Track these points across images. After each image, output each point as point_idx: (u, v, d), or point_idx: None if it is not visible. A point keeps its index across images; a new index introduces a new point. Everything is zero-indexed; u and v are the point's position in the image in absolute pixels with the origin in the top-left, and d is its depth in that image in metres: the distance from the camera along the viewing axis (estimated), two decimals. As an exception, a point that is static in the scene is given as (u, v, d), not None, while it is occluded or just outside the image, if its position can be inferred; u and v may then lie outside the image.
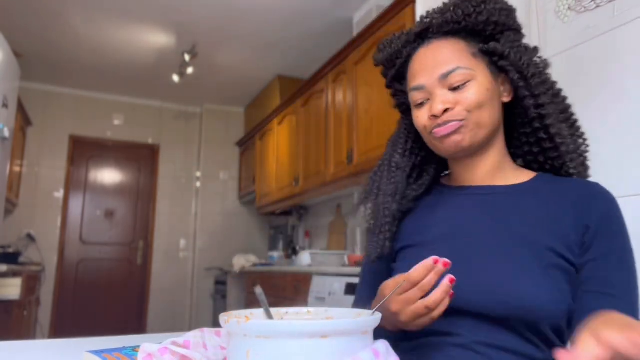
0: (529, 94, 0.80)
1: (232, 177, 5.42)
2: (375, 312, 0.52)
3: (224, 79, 4.70)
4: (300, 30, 3.69)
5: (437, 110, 0.77)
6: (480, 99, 0.77)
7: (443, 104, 0.77)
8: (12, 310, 3.06)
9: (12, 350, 0.85)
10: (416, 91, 0.82)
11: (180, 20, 3.60)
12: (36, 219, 4.67)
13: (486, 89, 0.78)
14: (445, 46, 0.80)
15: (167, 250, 5.17)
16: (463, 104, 0.77)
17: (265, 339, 0.45)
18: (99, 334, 1.04)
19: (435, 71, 0.79)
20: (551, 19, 1.56)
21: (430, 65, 0.80)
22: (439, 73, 0.78)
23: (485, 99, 0.78)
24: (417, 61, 0.82)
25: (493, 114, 0.80)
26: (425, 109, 0.81)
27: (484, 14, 0.79)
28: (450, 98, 0.78)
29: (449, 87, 0.78)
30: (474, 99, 0.77)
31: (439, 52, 0.80)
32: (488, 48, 0.80)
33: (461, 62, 0.78)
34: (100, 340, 0.86)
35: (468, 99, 0.77)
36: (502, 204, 0.80)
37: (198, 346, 0.57)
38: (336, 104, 3.29)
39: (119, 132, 5.16)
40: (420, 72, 0.81)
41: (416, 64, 0.83)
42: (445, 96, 0.78)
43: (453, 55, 0.79)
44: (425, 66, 0.81)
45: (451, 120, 0.77)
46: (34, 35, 3.82)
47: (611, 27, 1.38)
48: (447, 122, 0.77)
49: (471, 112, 0.77)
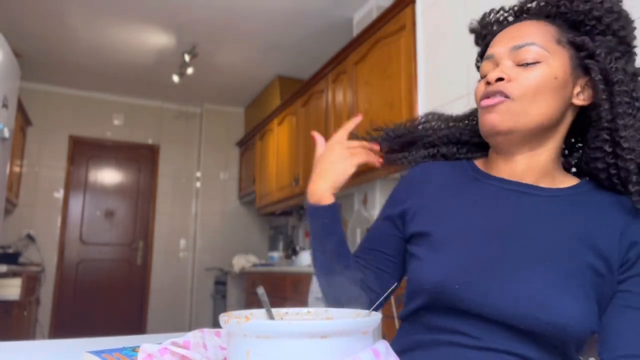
0: (607, 99, 0.71)
1: (232, 177, 5.42)
2: (374, 313, 0.52)
3: (224, 79, 4.70)
4: (300, 30, 3.69)
5: (492, 77, 0.72)
6: (540, 84, 0.71)
7: (500, 72, 0.72)
8: (12, 310, 3.06)
9: (12, 350, 0.84)
10: (486, 61, 0.77)
11: (180, 20, 3.60)
12: (36, 219, 4.67)
13: (554, 77, 0.71)
14: (532, 24, 0.75)
15: (167, 251, 5.17)
16: (520, 82, 0.71)
17: (265, 339, 0.45)
18: (99, 334, 1.04)
19: (510, 41, 0.74)
20: (551, 19, 1.56)
21: (508, 37, 0.75)
22: (513, 43, 0.73)
23: (547, 88, 0.71)
24: (499, 34, 0.78)
25: (550, 108, 0.72)
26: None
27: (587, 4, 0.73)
28: (512, 72, 0.72)
29: (518, 62, 0.72)
30: (534, 81, 0.71)
31: (522, 27, 0.75)
32: (576, 40, 0.73)
33: (540, 40, 0.72)
34: (100, 341, 0.86)
35: (528, 79, 0.71)
36: (546, 208, 0.73)
37: (198, 346, 0.57)
38: (336, 104, 3.29)
39: (119, 132, 5.16)
40: (496, 42, 0.76)
41: (497, 36, 0.78)
42: (507, 68, 0.73)
43: (535, 32, 0.73)
44: (502, 37, 0.76)
45: (500, 91, 0.71)
46: (34, 35, 3.82)
47: (611, 27, 1.38)
48: (495, 92, 0.72)
49: (524, 94, 0.71)
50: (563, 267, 0.68)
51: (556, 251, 0.69)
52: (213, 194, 5.30)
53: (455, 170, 0.84)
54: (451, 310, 0.70)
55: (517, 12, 0.80)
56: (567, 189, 0.76)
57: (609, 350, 0.67)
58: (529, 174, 0.76)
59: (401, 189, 0.88)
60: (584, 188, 0.76)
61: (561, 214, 0.72)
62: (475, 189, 0.79)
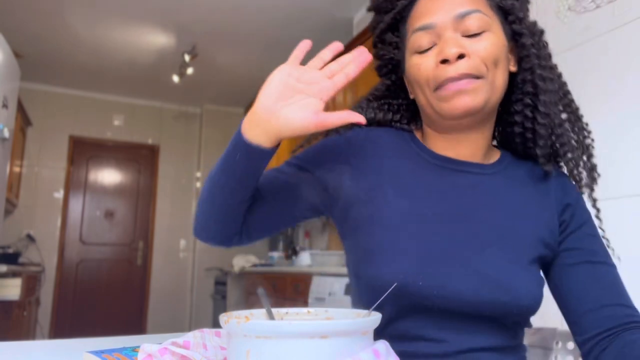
0: (538, 62, 0.69)
1: (232, 178, 5.42)
2: (374, 313, 0.52)
3: (224, 79, 4.70)
4: (300, 30, 3.69)
5: (450, 53, 0.63)
6: (497, 54, 0.66)
7: (458, 48, 0.64)
8: (12, 310, 3.06)
9: (12, 350, 0.84)
10: (422, 31, 0.67)
11: (180, 21, 3.60)
12: (36, 219, 4.67)
13: (503, 44, 0.67)
14: None
15: (167, 251, 5.17)
16: (480, 55, 0.65)
17: (265, 339, 0.45)
18: (99, 334, 1.04)
19: (451, 9, 0.66)
20: (551, 20, 1.56)
21: (448, 3, 0.66)
22: (456, 12, 0.65)
23: (502, 56, 0.67)
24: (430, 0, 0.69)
25: (504, 78, 0.69)
26: (431, 54, 0.67)
27: None
28: (465, 44, 0.65)
29: (463, 33, 0.66)
30: (492, 52, 0.65)
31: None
32: (506, 5, 0.69)
33: (480, 6, 0.67)
34: (100, 341, 0.86)
35: (486, 49, 0.65)
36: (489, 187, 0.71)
37: (198, 346, 0.57)
38: (336, 104, 3.29)
39: (119, 132, 5.16)
40: (431, 10, 0.67)
41: (428, 1, 0.69)
42: (458, 40, 0.65)
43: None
44: (441, 3, 0.67)
45: (467, 73, 0.64)
46: (34, 35, 3.82)
47: (611, 28, 1.38)
48: (462, 75, 0.64)
49: (489, 68, 0.65)
50: (516, 246, 0.68)
51: (506, 231, 0.69)
52: (213, 194, 5.29)
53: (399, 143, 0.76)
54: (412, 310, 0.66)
55: None
56: (498, 163, 0.75)
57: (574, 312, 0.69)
58: (476, 154, 0.73)
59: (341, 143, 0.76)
60: (508, 159, 0.76)
61: (502, 192, 0.72)
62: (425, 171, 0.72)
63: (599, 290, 0.69)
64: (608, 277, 0.70)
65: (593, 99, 1.42)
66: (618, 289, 0.70)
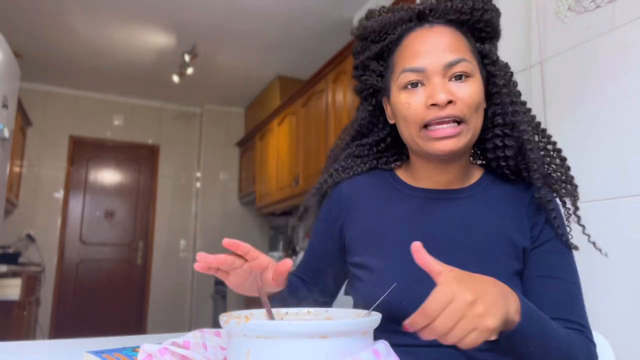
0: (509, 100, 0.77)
1: (232, 178, 5.42)
2: (374, 313, 0.52)
3: (224, 79, 4.70)
4: (300, 30, 3.68)
5: (440, 99, 0.70)
6: (478, 100, 0.73)
7: (447, 94, 0.70)
8: (12, 310, 3.05)
9: (12, 350, 0.84)
10: (412, 73, 0.73)
11: (180, 20, 3.60)
12: (36, 219, 4.66)
13: (482, 90, 0.75)
14: (451, 33, 0.75)
15: (167, 251, 5.17)
16: (465, 101, 0.71)
17: (265, 339, 0.45)
18: (99, 334, 1.04)
19: (441, 56, 0.72)
20: (551, 20, 1.56)
21: (437, 49, 0.73)
22: (446, 59, 0.72)
23: (481, 101, 0.74)
24: (419, 40, 0.75)
25: (482, 119, 0.76)
26: (420, 94, 0.73)
27: (489, 13, 0.76)
28: (453, 90, 0.72)
29: (450, 78, 0.72)
30: (475, 99, 0.72)
31: (445, 38, 0.74)
32: (484, 49, 0.77)
33: (467, 54, 0.74)
34: (100, 341, 0.86)
35: (470, 96, 0.72)
36: (467, 210, 0.78)
37: (198, 347, 0.57)
38: (336, 104, 3.29)
39: (119, 132, 5.16)
40: (423, 53, 0.73)
41: (417, 43, 0.75)
42: (446, 86, 0.72)
43: (460, 44, 0.74)
44: (429, 47, 0.73)
45: (453, 117, 0.71)
46: (34, 35, 3.82)
47: (611, 28, 1.38)
48: (449, 118, 0.71)
49: (471, 114, 0.72)
50: (492, 263, 0.73)
51: (482, 250, 0.74)
52: (213, 194, 5.29)
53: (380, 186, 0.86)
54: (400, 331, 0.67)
55: (419, 15, 0.77)
56: (477, 184, 0.81)
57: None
58: (455, 178, 0.80)
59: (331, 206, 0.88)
60: (489, 179, 0.82)
61: (479, 213, 0.78)
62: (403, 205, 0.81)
63: (548, 304, 0.72)
64: (560, 293, 0.73)
65: (593, 99, 1.42)
66: (568, 306, 0.73)
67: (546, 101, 1.54)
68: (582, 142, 1.43)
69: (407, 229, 0.78)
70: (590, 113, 1.43)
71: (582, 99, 1.45)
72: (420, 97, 0.73)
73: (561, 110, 1.50)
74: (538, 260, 0.76)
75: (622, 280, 1.30)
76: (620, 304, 1.30)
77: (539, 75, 1.58)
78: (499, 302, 0.55)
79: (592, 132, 1.42)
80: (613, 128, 1.36)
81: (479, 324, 0.51)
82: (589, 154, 1.41)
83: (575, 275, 0.76)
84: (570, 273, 0.76)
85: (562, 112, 1.50)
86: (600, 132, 1.39)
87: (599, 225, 1.35)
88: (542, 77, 1.57)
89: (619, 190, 1.33)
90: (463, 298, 0.51)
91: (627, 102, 1.33)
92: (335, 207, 0.87)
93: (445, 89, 0.71)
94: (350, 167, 0.89)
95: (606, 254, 0.80)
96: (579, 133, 1.44)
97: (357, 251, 0.81)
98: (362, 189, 0.86)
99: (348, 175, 0.89)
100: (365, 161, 0.89)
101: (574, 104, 1.48)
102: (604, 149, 1.38)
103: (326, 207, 0.89)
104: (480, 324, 0.51)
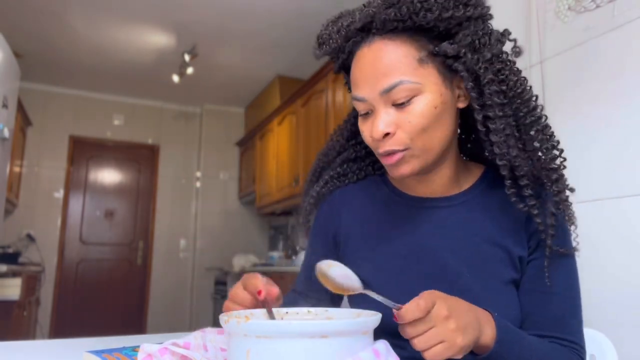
0: (479, 107, 0.70)
1: (232, 177, 5.42)
2: (375, 313, 0.52)
3: (224, 79, 4.70)
4: (300, 30, 3.68)
5: (377, 134, 0.68)
6: (424, 122, 0.67)
7: (384, 127, 0.68)
8: (12, 310, 3.05)
9: (12, 350, 0.85)
10: (358, 102, 0.72)
11: (180, 20, 3.60)
12: (36, 219, 4.66)
13: (434, 107, 0.68)
14: (388, 49, 0.68)
15: (167, 250, 5.17)
16: (405, 129, 0.68)
17: (266, 339, 0.45)
18: (99, 334, 1.04)
19: (376, 84, 0.68)
20: (551, 19, 1.56)
21: (371, 75, 0.68)
22: (381, 88, 0.67)
23: (431, 121, 0.68)
24: (358, 66, 0.71)
25: (443, 132, 0.70)
26: (369, 123, 0.72)
27: (433, 11, 0.66)
28: (394, 118, 0.68)
29: (393, 102, 0.68)
30: (418, 123, 0.67)
31: (379, 58, 0.68)
32: (438, 51, 0.68)
33: (405, 73, 0.67)
34: (100, 340, 0.86)
35: (411, 122, 0.67)
36: (459, 217, 0.76)
37: (198, 348, 0.57)
38: (336, 104, 3.29)
39: (119, 132, 5.16)
40: (361, 82, 0.70)
41: (357, 69, 0.71)
42: (387, 116, 0.68)
43: (396, 63, 0.67)
44: (365, 75, 0.69)
45: (395, 149, 0.69)
46: (34, 35, 3.82)
47: (611, 28, 1.38)
48: (391, 151, 0.69)
49: (414, 138, 0.68)
50: (487, 272, 0.72)
51: (476, 259, 0.73)
52: (213, 194, 5.29)
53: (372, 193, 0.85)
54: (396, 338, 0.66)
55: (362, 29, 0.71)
56: (473, 188, 0.79)
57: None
58: (446, 185, 0.78)
59: (324, 216, 0.88)
60: (487, 181, 0.79)
61: (473, 220, 0.76)
62: (395, 213, 0.80)
63: (544, 321, 0.71)
64: (556, 309, 0.72)
65: (593, 99, 1.42)
66: (563, 323, 0.72)
67: (546, 101, 1.54)
68: (582, 142, 1.43)
69: (399, 238, 0.77)
70: (590, 113, 1.43)
71: (582, 99, 1.45)
72: (368, 125, 0.72)
73: (561, 110, 1.50)
74: (535, 273, 0.73)
75: (622, 280, 1.30)
76: (620, 304, 1.30)
77: (539, 75, 1.58)
78: (472, 325, 0.57)
79: (592, 132, 1.42)
80: (613, 128, 1.36)
81: (448, 337, 0.53)
82: (589, 154, 1.41)
83: (572, 289, 0.74)
84: (567, 288, 0.73)
85: (562, 112, 1.50)
86: (601, 132, 1.39)
87: (599, 225, 1.35)
88: (542, 77, 1.57)
89: (619, 190, 1.33)
90: (439, 311, 0.54)
91: (627, 102, 1.33)
92: (328, 217, 0.87)
93: (385, 120, 0.68)
94: (345, 174, 0.89)
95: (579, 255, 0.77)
96: (579, 133, 1.44)
97: (350, 260, 0.79)
98: (354, 197, 0.86)
99: (343, 183, 0.88)
100: (361, 167, 0.89)
101: (574, 104, 1.48)
102: (604, 148, 1.38)
103: (319, 218, 0.89)
104: (449, 339, 0.54)
